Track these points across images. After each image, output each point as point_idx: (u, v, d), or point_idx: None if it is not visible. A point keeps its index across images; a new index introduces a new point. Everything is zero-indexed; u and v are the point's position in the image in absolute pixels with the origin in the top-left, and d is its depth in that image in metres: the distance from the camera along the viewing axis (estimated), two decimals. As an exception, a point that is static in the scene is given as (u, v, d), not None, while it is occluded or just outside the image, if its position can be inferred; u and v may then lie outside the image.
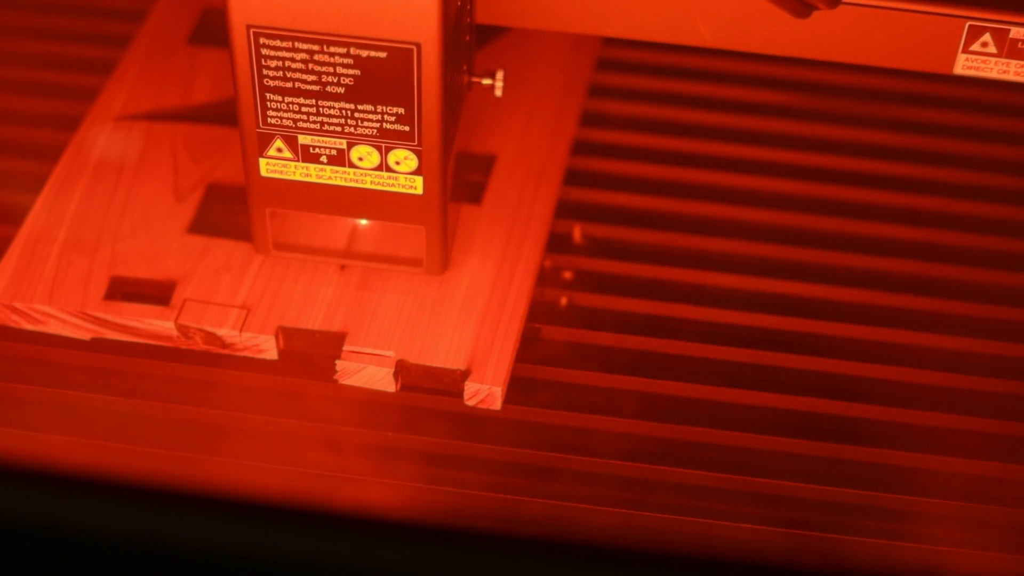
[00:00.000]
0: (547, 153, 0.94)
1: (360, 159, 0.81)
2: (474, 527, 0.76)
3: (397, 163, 0.80)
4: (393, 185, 0.82)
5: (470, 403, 0.83)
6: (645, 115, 1.00)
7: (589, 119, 0.99)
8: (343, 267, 0.87)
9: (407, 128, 0.79)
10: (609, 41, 1.03)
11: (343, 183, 0.82)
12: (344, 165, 0.81)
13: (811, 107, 1.01)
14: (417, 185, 0.81)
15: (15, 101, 0.99)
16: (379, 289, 0.86)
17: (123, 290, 0.86)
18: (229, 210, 0.90)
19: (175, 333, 0.84)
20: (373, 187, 0.82)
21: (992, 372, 0.87)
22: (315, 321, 0.85)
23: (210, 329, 0.84)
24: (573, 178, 0.95)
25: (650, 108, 1.00)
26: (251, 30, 0.77)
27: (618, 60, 1.03)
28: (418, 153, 0.80)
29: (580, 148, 0.97)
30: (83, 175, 0.92)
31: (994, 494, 0.82)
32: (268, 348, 0.84)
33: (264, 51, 0.77)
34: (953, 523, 0.81)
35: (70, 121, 0.95)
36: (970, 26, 0.82)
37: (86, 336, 0.85)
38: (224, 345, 0.85)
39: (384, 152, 0.80)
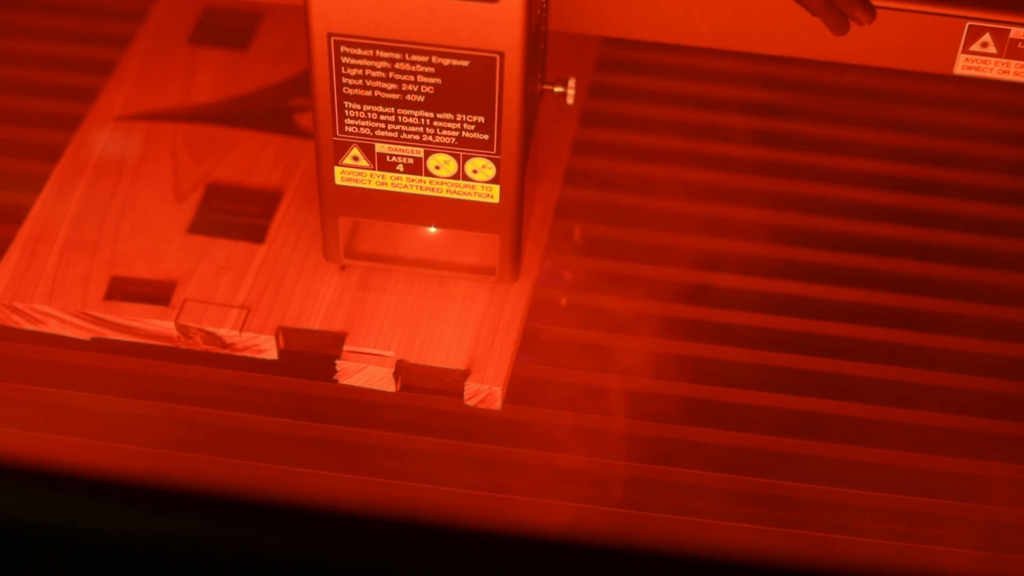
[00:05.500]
0: (547, 153, 0.94)
1: (437, 167, 0.80)
2: (474, 527, 0.76)
3: (475, 172, 0.80)
4: (469, 194, 0.81)
5: (470, 403, 0.83)
6: (645, 115, 1.00)
7: (589, 119, 0.99)
8: (343, 267, 0.87)
9: (486, 137, 0.78)
10: (609, 41, 1.03)
11: (419, 191, 0.81)
12: (420, 174, 0.80)
13: (811, 107, 1.01)
14: (494, 194, 0.81)
15: (15, 101, 0.99)
16: (379, 289, 0.86)
17: (123, 290, 0.86)
18: (229, 210, 0.90)
19: (175, 333, 0.84)
20: (449, 195, 0.81)
21: (992, 372, 0.87)
22: (315, 321, 0.85)
23: (210, 329, 0.84)
24: (573, 178, 0.95)
25: (650, 108, 1.00)
26: (332, 38, 0.76)
27: (618, 60, 1.03)
28: (496, 162, 0.79)
29: (580, 148, 0.97)
30: (83, 175, 0.92)
31: (993, 494, 0.82)
32: (268, 348, 0.84)
33: (344, 59, 0.76)
34: (953, 523, 0.81)
35: (70, 121, 0.95)
36: (970, 26, 0.82)
37: (86, 336, 0.85)
38: (224, 345, 0.85)
39: (462, 161, 0.79)
